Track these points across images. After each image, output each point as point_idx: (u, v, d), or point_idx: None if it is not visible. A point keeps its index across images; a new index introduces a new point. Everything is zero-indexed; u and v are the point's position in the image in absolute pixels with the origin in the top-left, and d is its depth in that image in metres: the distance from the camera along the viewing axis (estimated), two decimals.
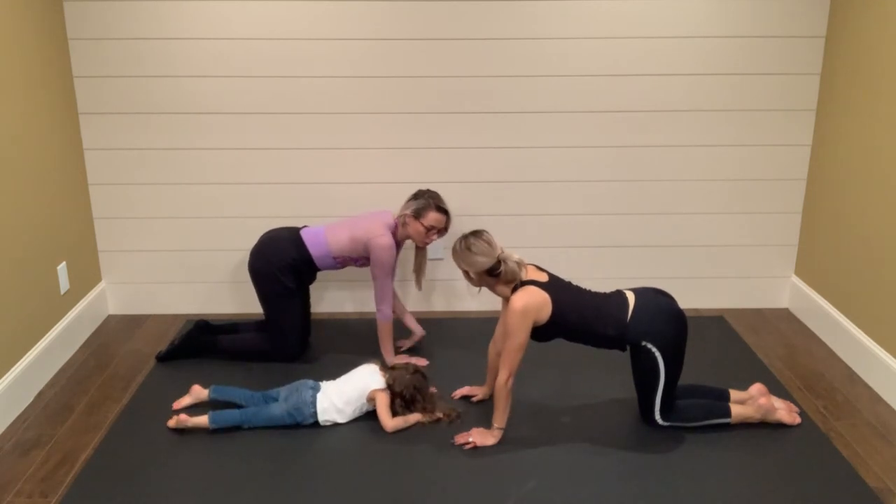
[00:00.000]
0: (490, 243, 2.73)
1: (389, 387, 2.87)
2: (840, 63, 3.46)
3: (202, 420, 2.81)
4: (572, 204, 3.79)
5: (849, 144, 3.40)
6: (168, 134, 3.61)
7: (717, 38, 3.55)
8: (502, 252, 2.71)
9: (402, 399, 2.86)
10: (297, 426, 2.84)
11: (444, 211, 3.26)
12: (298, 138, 3.64)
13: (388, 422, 2.82)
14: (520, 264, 2.71)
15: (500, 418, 2.73)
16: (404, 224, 3.26)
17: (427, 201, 3.24)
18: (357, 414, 2.89)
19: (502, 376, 2.65)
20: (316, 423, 2.85)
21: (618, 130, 3.68)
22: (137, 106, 3.57)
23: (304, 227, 3.39)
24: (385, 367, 2.97)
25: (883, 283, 3.14)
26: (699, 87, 3.62)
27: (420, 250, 3.39)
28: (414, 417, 2.86)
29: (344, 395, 2.86)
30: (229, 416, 2.83)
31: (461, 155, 3.69)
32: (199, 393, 2.95)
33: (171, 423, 2.83)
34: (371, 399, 2.87)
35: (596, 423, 2.89)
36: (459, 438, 2.75)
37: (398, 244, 3.35)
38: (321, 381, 2.93)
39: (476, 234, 2.77)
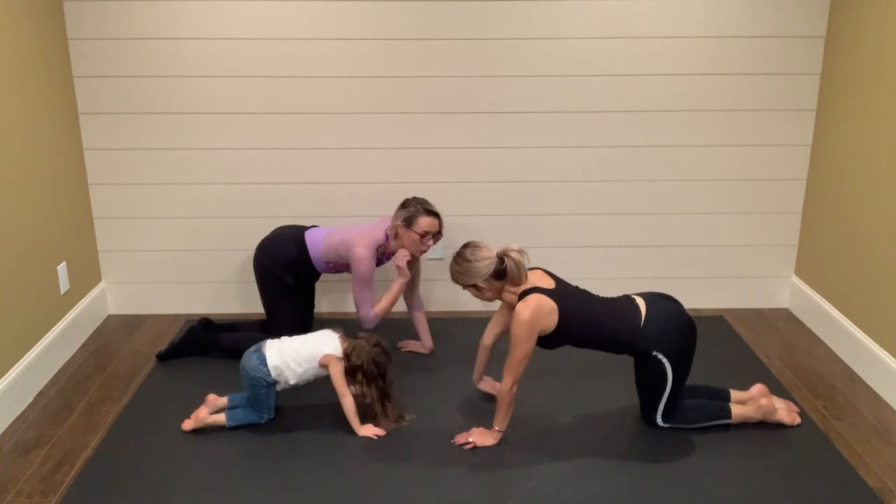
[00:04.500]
0: (482, 247, 2.69)
1: (347, 356, 2.78)
2: (840, 63, 3.46)
3: (220, 418, 2.83)
4: (573, 204, 3.79)
5: (849, 144, 3.40)
6: (168, 134, 3.61)
7: (717, 38, 3.55)
8: (500, 250, 2.68)
9: (361, 372, 2.77)
10: (277, 416, 2.84)
11: (435, 214, 3.20)
12: (298, 138, 3.64)
13: (345, 391, 2.77)
14: (521, 252, 2.66)
15: (501, 421, 2.72)
16: (396, 235, 3.20)
17: (416, 207, 3.17)
18: (309, 376, 2.82)
19: (507, 383, 2.63)
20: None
21: (618, 130, 3.68)
22: (137, 106, 3.57)
23: (313, 227, 3.40)
24: (346, 337, 2.87)
25: (883, 283, 3.14)
26: (699, 87, 3.62)
27: (412, 263, 3.31)
28: (365, 429, 2.80)
29: (297, 352, 2.80)
30: (243, 414, 2.85)
31: (461, 155, 3.69)
32: (215, 401, 2.91)
33: (188, 424, 2.82)
34: (324, 365, 2.79)
35: (596, 423, 2.89)
36: (459, 438, 2.75)
37: (391, 256, 3.32)
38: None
39: (465, 246, 2.73)
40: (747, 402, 2.87)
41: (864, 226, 3.28)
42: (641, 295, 2.78)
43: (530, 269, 2.76)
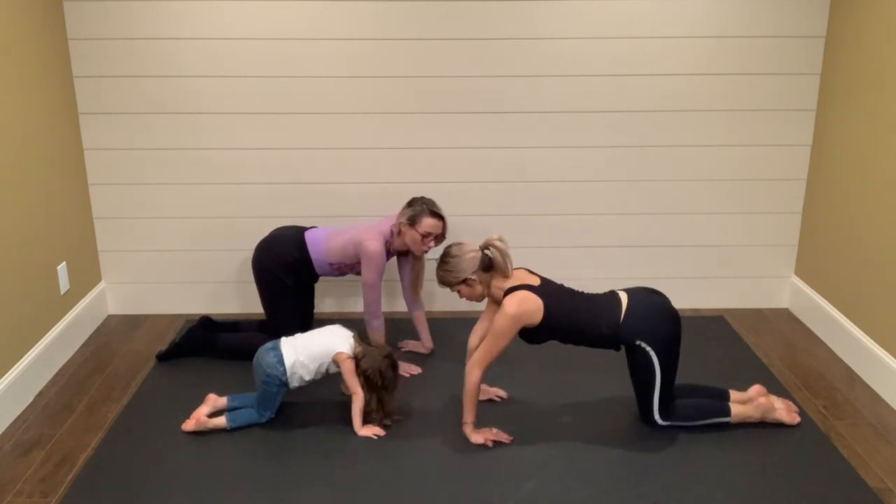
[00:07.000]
0: (464, 244, 2.78)
1: (357, 361, 2.81)
2: (840, 63, 3.46)
3: (220, 421, 2.82)
4: (572, 204, 3.79)
5: (849, 144, 3.40)
6: (168, 134, 3.61)
7: (717, 38, 3.55)
8: (482, 243, 2.75)
9: (364, 377, 2.80)
10: (278, 416, 2.84)
11: (439, 216, 3.21)
12: (298, 138, 3.64)
13: (358, 389, 2.79)
14: (501, 239, 2.72)
15: (470, 414, 2.74)
16: (400, 233, 3.22)
17: (421, 207, 3.19)
18: (322, 372, 2.85)
19: (476, 375, 2.66)
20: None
21: (618, 130, 3.68)
22: (137, 106, 3.57)
23: (313, 227, 3.40)
24: (360, 339, 2.90)
25: (883, 283, 3.14)
26: (699, 87, 3.62)
27: (417, 260, 3.35)
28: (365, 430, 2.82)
29: (309, 349, 2.82)
30: (244, 415, 2.85)
31: (461, 155, 3.69)
32: (214, 401, 2.91)
33: (189, 424, 2.82)
34: (337, 362, 2.82)
35: (595, 423, 2.89)
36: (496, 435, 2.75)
37: (394, 253, 3.34)
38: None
39: (447, 248, 2.81)
40: (746, 403, 2.87)
41: (864, 226, 3.28)
42: (625, 290, 2.82)
43: (514, 268, 2.80)
